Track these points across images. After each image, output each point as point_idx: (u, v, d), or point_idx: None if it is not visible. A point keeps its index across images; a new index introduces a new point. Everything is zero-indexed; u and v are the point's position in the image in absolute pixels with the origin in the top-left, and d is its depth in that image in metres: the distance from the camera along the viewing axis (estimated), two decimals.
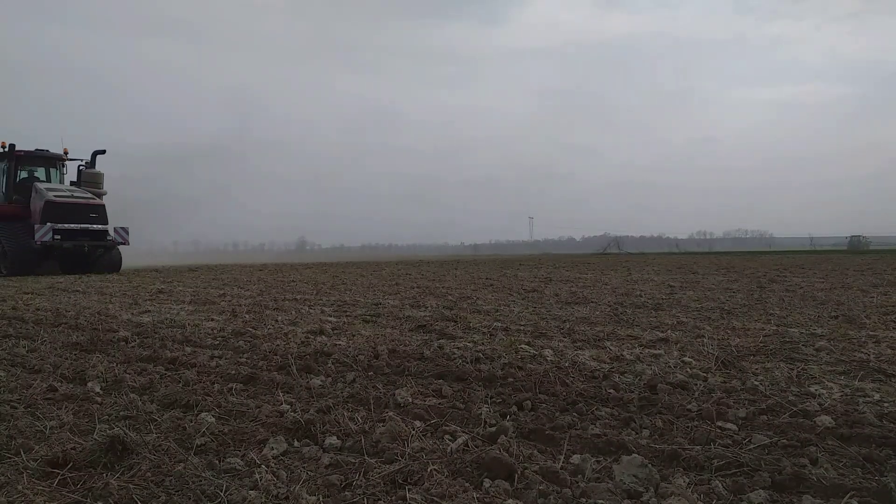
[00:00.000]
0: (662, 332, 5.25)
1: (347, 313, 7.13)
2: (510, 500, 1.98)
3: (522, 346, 4.57)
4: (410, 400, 3.16)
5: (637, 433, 2.62)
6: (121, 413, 2.98)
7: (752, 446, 2.42)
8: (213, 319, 6.63)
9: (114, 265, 19.28)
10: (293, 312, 7.29)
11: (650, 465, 2.18)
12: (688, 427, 2.66)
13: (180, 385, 3.57)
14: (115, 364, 4.23)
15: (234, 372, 3.88)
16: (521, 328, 5.65)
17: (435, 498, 1.98)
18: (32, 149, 19.50)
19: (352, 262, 27.75)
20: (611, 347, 4.55)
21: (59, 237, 17.45)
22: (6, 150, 18.53)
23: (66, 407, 3.12)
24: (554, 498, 1.99)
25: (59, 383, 3.65)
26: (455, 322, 6.08)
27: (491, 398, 3.19)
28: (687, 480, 2.11)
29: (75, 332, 5.82)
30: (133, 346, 4.95)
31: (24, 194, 18.46)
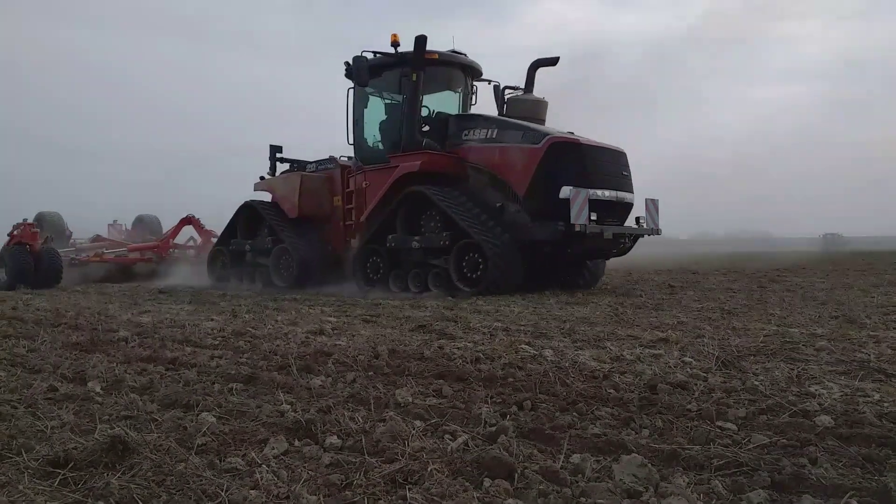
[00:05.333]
0: (663, 332, 5.25)
1: (347, 313, 7.13)
2: (510, 500, 1.98)
3: (522, 346, 4.58)
4: (411, 400, 3.16)
5: (637, 433, 2.62)
6: (121, 413, 2.98)
7: (751, 446, 2.42)
8: (213, 319, 6.63)
9: (596, 275, 11.15)
10: (293, 312, 7.29)
11: (650, 465, 2.18)
12: (688, 427, 2.66)
13: (181, 385, 3.57)
14: (115, 364, 4.24)
15: (234, 372, 3.88)
16: (522, 328, 5.65)
17: (435, 497, 1.98)
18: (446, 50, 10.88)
19: None
20: (611, 347, 4.56)
21: (593, 218, 9.06)
22: (397, 48, 10.43)
23: (66, 407, 3.12)
24: (554, 497, 1.99)
25: (60, 383, 3.65)
26: (455, 322, 6.08)
27: (491, 398, 3.19)
28: (686, 480, 2.12)
29: (75, 332, 5.82)
30: (133, 346, 4.96)
31: (438, 134, 10.62)
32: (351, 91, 11.27)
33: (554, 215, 9.05)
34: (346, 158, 12.30)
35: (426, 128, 10.84)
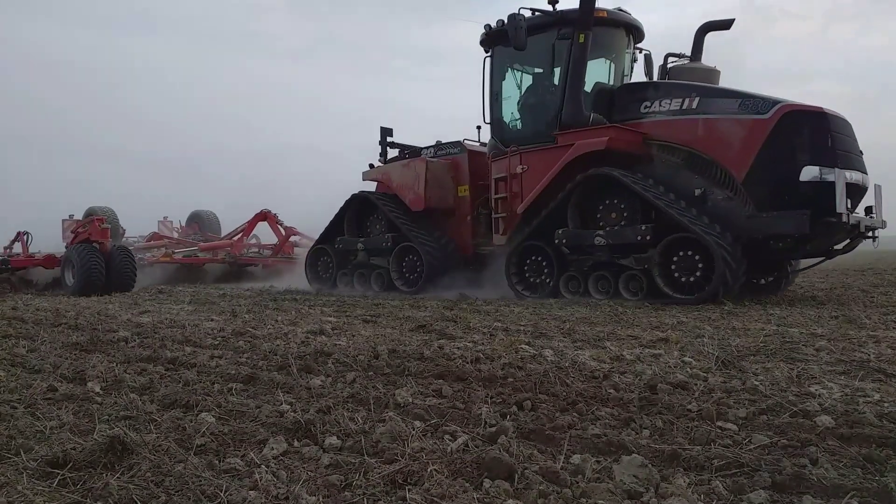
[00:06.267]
0: (662, 331, 5.25)
1: (347, 313, 7.13)
2: (510, 500, 1.98)
3: (522, 346, 4.57)
4: (410, 400, 3.16)
5: (637, 433, 2.62)
6: (121, 413, 2.98)
7: (752, 446, 2.41)
8: (212, 319, 6.63)
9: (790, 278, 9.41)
10: (293, 312, 7.29)
11: (650, 465, 2.18)
12: (688, 427, 2.65)
13: (180, 385, 3.57)
14: (114, 364, 4.23)
15: (234, 372, 3.88)
16: (522, 328, 5.65)
17: (435, 498, 1.98)
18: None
19: None
20: (611, 347, 4.55)
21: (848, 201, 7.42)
22: (555, 5, 8.92)
23: (66, 407, 3.12)
24: (554, 498, 1.99)
25: (59, 383, 3.65)
26: (455, 322, 6.08)
27: (491, 398, 3.19)
28: (687, 480, 2.11)
29: (75, 332, 5.81)
30: (133, 346, 4.95)
31: (598, 108, 8.93)
32: (487, 61, 9.69)
33: (789, 203, 7.35)
34: (473, 142, 10.92)
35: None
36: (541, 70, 9.62)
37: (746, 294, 8.20)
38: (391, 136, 11.65)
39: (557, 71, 9.13)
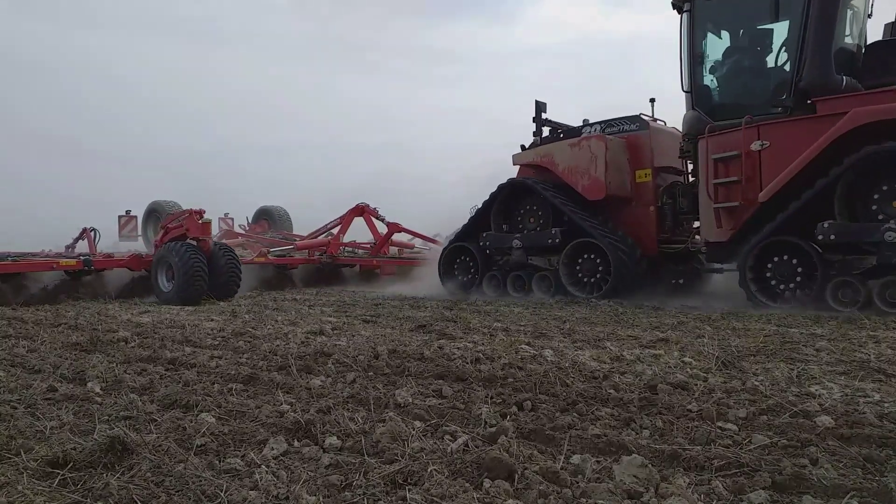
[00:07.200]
0: (663, 332, 5.25)
1: (347, 313, 7.13)
2: (510, 501, 1.98)
3: (523, 346, 4.58)
4: (410, 400, 3.16)
5: (637, 433, 2.62)
6: (121, 413, 2.98)
7: (752, 446, 2.41)
8: (212, 319, 6.63)
9: None
10: (293, 312, 7.29)
11: (650, 466, 2.18)
12: (688, 427, 2.66)
13: (180, 385, 3.57)
14: (114, 364, 4.23)
15: (234, 372, 3.88)
16: (522, 328, 5.65)
17: (435, 498, 1.98)
18: None
19: None
20: (611, 347, 4.55)
21: None
22: None
23: (65, 407, 3.12)
24: (554, 498, 1.99)
25: (59, 383, 3.65)
26: (455, 322, 6.08)
27: (491, 398, 3.19)
28: (687, 481, 2.12)
29: (75, 332, 5.81)
30: (133, 347, 4.95)
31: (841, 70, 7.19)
32: (684, 20, 8.11)
33: None
34: (647, 117, 9.13)
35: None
36: (764, 24, 7.79)
37: None
38: (545, 111, 9.75)
39: (787, 24, 7.42)
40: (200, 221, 9.33)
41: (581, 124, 9.53)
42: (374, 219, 13.26)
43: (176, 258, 8.83)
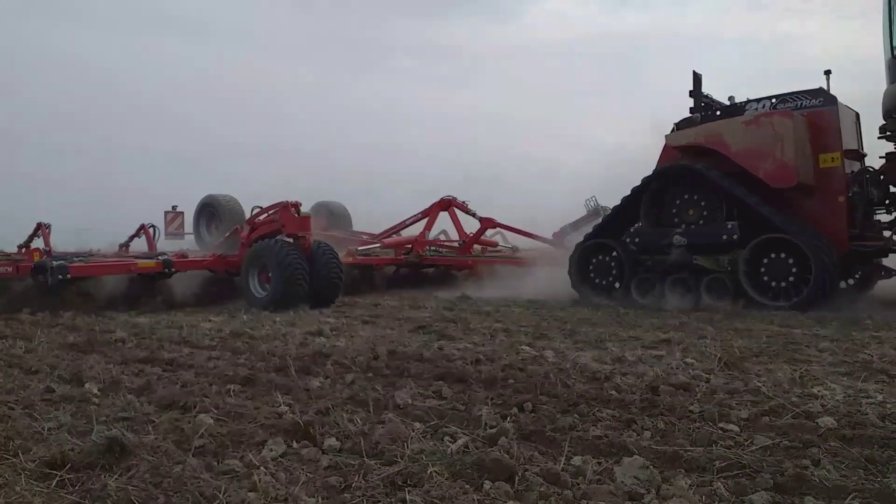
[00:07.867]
0: (665, 332, 5.23)
1: (346, 314, 7.11)
2: (511, 502, 1.97)
3: (523, 347, 4.56)
4: (410, 401, 3.14)
5: (639, 435, 2.60)
6: (119, 414, 2.96)
7: (754, 447, 2.40)
8: (210, 320, 6.61)
9: None
10: (291, 313, 7.27)
11: (652, 467, 2.16)
12: (690, 428, 2.64)
13: (178, 386, 3.55)
14: (112, 365, 4.22)
15: (232, 373, 3.86)
16: (522, 329, 5.63)
17: (435, 500, 1.97)
18: None
19: None
20: (612, 348, 4.54)
21: None
22: None
23: (63, 408, 3.10)
24: (555, 500, 1.97)
25: (57, 384, 3.63)
26: (455, 323, 6.06)
27: (491, 399, 3.17)
28: (689, 482, 2.10)
29: (72, 332, 5.80)
30: (130, 347, 4.94)
31: None
32: None
33: None
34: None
35: None
36: None
37: None
38: (700, 85, 8.38)
39: None
40: (299, 216, 8.08)
41: (728, 103, 8.18)
42: (462, 213, 11.62)
43: (273, 258, 7.64)
